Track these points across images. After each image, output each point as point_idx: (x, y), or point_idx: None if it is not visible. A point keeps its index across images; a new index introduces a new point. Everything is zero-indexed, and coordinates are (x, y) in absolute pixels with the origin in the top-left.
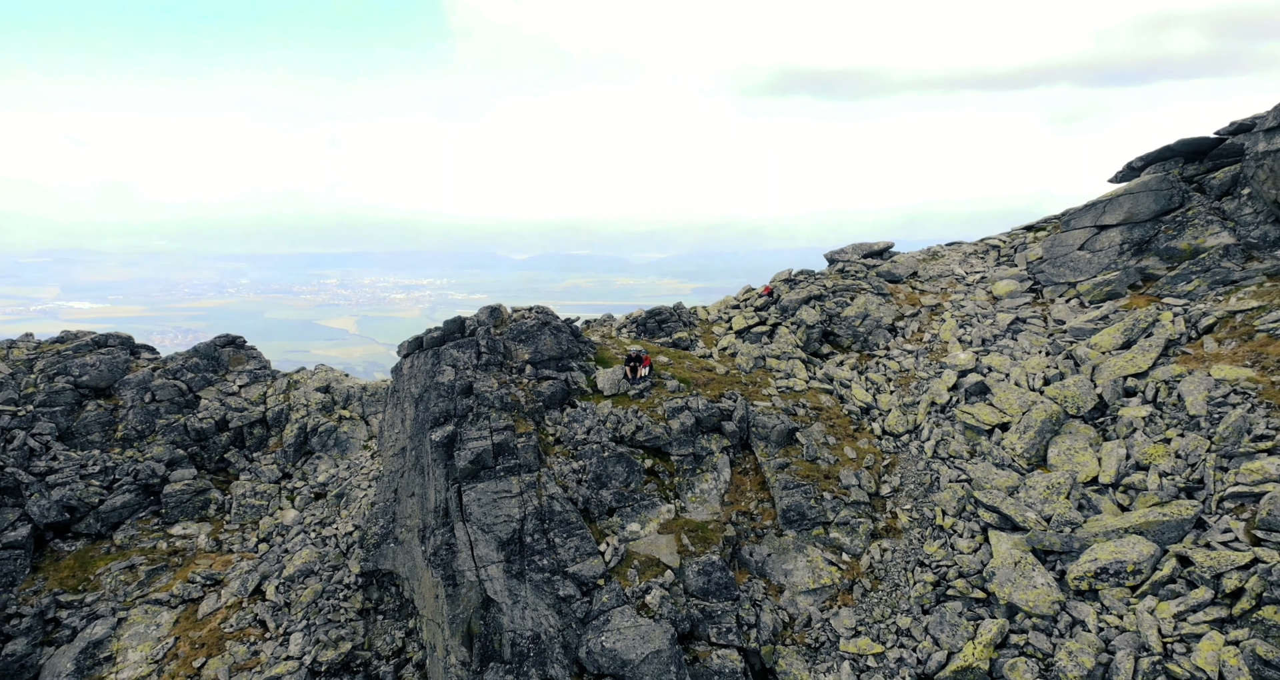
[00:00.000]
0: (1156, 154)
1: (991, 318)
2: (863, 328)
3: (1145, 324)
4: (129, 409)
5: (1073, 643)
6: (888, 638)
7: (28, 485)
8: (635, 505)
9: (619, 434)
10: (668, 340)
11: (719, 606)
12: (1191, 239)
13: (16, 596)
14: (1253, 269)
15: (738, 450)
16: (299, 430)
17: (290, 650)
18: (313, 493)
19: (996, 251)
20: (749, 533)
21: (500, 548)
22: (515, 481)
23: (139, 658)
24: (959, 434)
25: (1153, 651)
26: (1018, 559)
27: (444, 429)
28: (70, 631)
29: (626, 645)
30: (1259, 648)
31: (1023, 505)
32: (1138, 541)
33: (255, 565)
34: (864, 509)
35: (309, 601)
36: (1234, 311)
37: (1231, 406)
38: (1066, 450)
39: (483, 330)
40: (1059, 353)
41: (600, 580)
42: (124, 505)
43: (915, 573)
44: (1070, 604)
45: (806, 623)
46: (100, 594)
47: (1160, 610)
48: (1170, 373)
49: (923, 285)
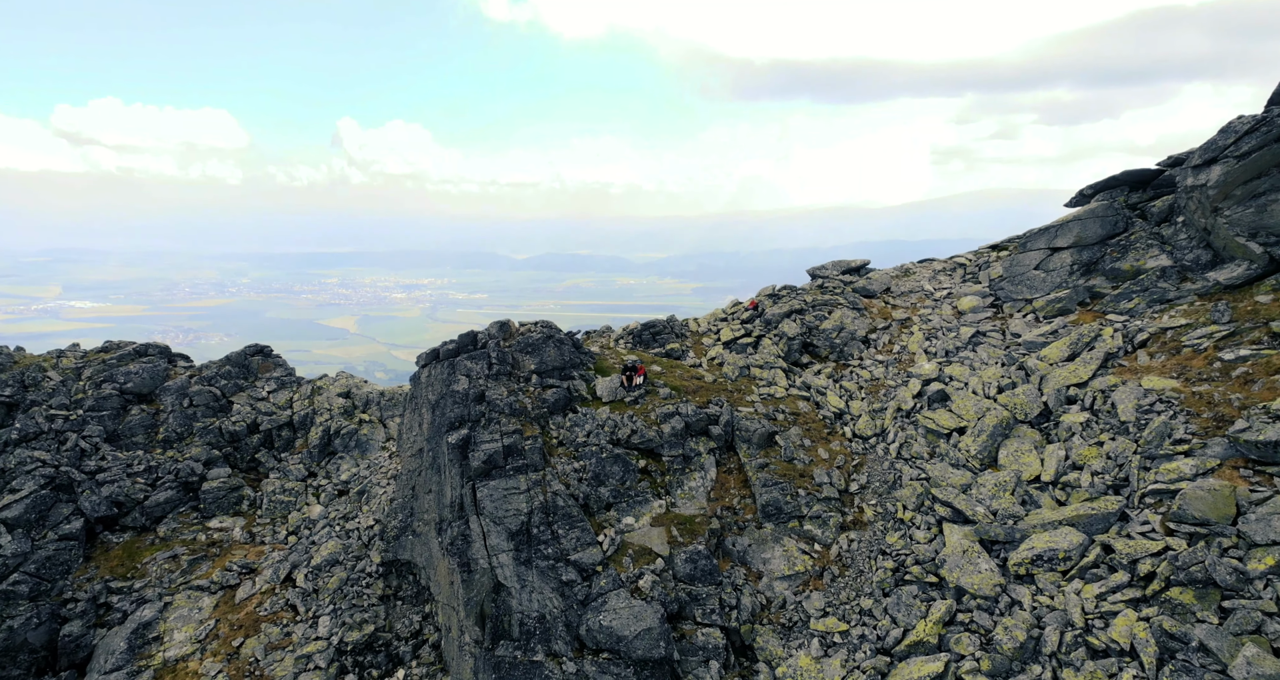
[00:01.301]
0: (1105, 183)
1: (955, 331)
2: (839, 339)
3: (1089, 338)
4: (169, 413)
5: (1009, 620)
6: (852, 617)
7: (80, 483)
8: (630, 501)
9: (616, 437)
10: (661, 351)
11: (704, 590)
12: (1134, 261)
13: (71, 583)
14: (1185, 289)
15: (723, 451)
16: (323, 433)
17: (319, 631)
18: (336, 490)
19: (963, 269)
20: (732, 525)
21: (510, 538)
22: (523, 479)
23: (184, 638)
24: (921, 437)
25: (1076, 627)
26: (966, 548)
27: (459, 432)
28: (121, 614)
29: (622, 623)
30: (1165, 623)
31: (973, 501)
32: (1069, 532)
33: (285, 555)
34: (834, 504)
35: (335, 588)
36: (1165, 328)
37: (1157, 414)
38: (1014, 452)
39: (493, 343)
40: (1012, 364)
41: (599, 567)
42: (166, 501)
43: (877, 561)
44: (1010, 587)
45: (781, 605)
46: (147, 581)
47: (1085, 591)
48: (1107, 383)
49: (895, 300)
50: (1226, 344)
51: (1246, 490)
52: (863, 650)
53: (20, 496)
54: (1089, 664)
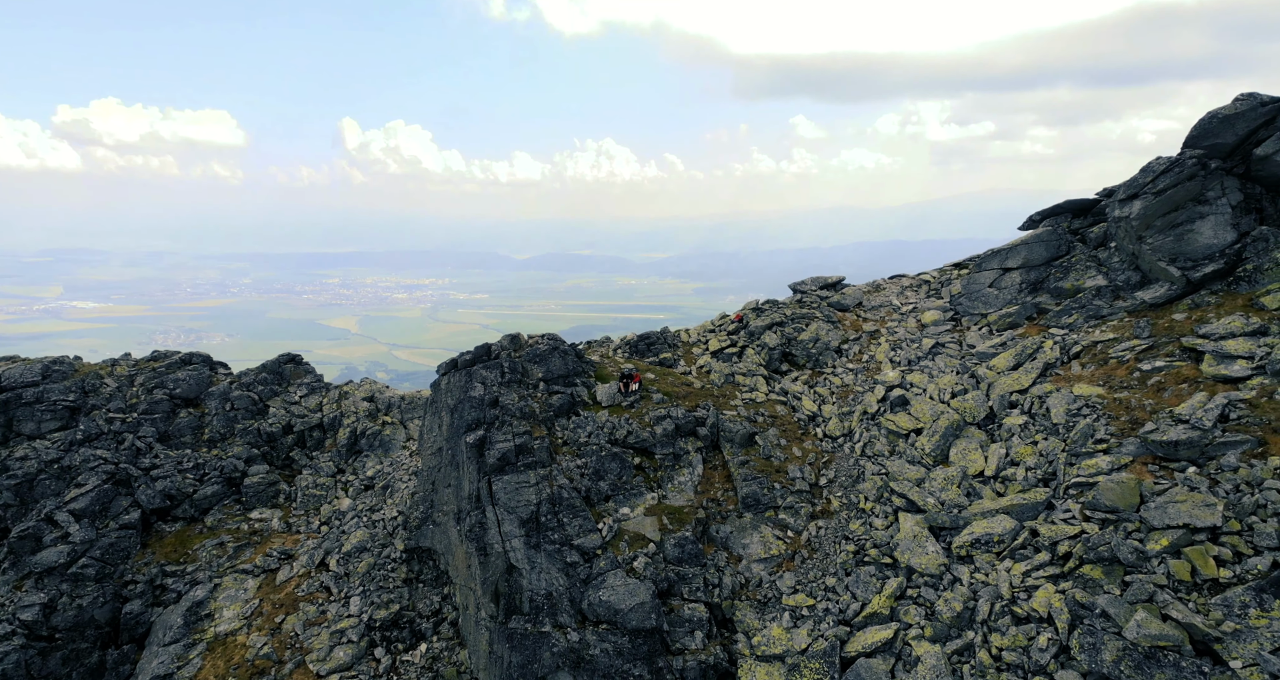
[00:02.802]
0: (1050, 210)
1: (918, 342)
2: (814, 349)
3: (1031, 350)
4: (213, 416)
5: (949, 594)
6: (818, 594)
7: (136, 478)
8: (626, 493)
9: (614, 437)
10: (655, 359)
11: (690, 571)
12: (1074, 280)
13: (131, 567)
14: (1117, 307)
15: (709, 450)
16: (350, 433)
17: (351, 610)
18: (363, 484)
19: (928, 286)
20: (716, 515)
21: (521, 525)
22: (532, 474)
23: (232, 615)
24: (882, 437)
25: (1004, 598)
26: (917, 533)
27: (476, 433)
28: (175, 595)
29: (618, 598)
30: (1077, 594)
31: (925, 493)
32: (1004, 519)
33: (319, 543)
34: (805, 496)
35: (364, 572)
36: (1096, 341)
37: (1083, 417)
38: (963, 450)
39: (505, 354)
40: (965, 372)
41: (598, 550)
42: (212, 494)
43: (841, 545)
44: (952, 566)
45: (758, 583)
46: (198, 565)
47: (1013, 569)
48: (1044, 390)
49: (866, 314)
50: (1145, 356)
51: (1151, 482)
52: (826, 621)
53: (86, 490)
54: (1013, 629)
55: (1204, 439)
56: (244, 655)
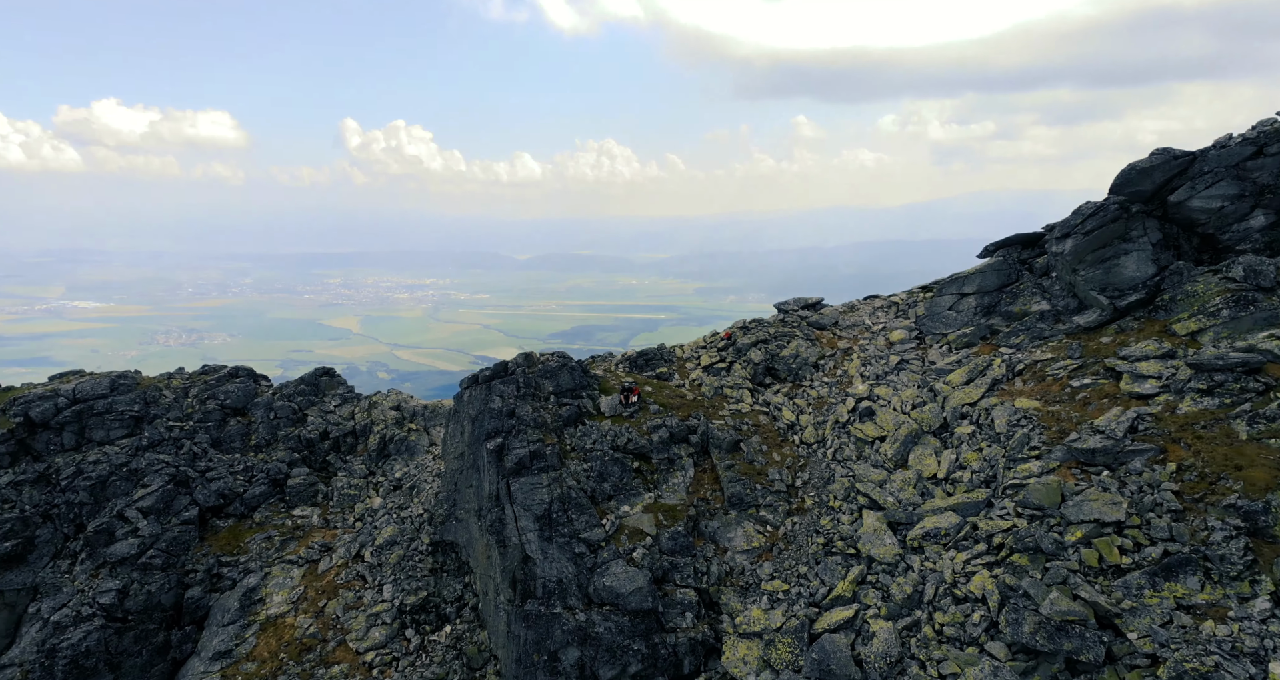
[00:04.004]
0: (1003, 241)
1: (886, 359)
2: (795, 364)
3: (982, 367)
4: (259, 424)
5: (902, 579)
6: (792, 580)
7: (194, 480)
8: (626, 493)
9: (615, 443)
10: (652, 374)
11: (682, 560)
12: (1022, 305)
13: (191, 558)
14: (1058, 329)
15: (699, 455)
16: (379, 439)
17: (384, 596)
18: (391, 485)
19: (896, 307)
20: (705, 512)
21: (535, 521)
22: (545, 477)
23: (281, 599)
24: (851, 444)
25: (947, 582)
26: (877, 528)
27: (495, 440)
28: (231, 582)
29: (620, 584)
30: (1006, 578)
31: (886, 493)
32: (951, 515)
33: (355, 537)
34: (783, 496)
35: (394, 562)
36: (1036, 360)
37: (1021, 427)
38: (920, 455)
39: (520, 370)
40: (925, 386)
41: (602, 543)
42: (260, 494)
43: (813, 538)
44: (906, 556)
45: (741, 572)
46: (249, 556)
47: (956, 558)
48: (990, 403)
49: (841, 332)
50: (1076, 374)
51: (1072, 484)
52: (798, 604)
53: (151, 490)
54: (953, 608)
55: (1116, 447)
56: (292, 634)
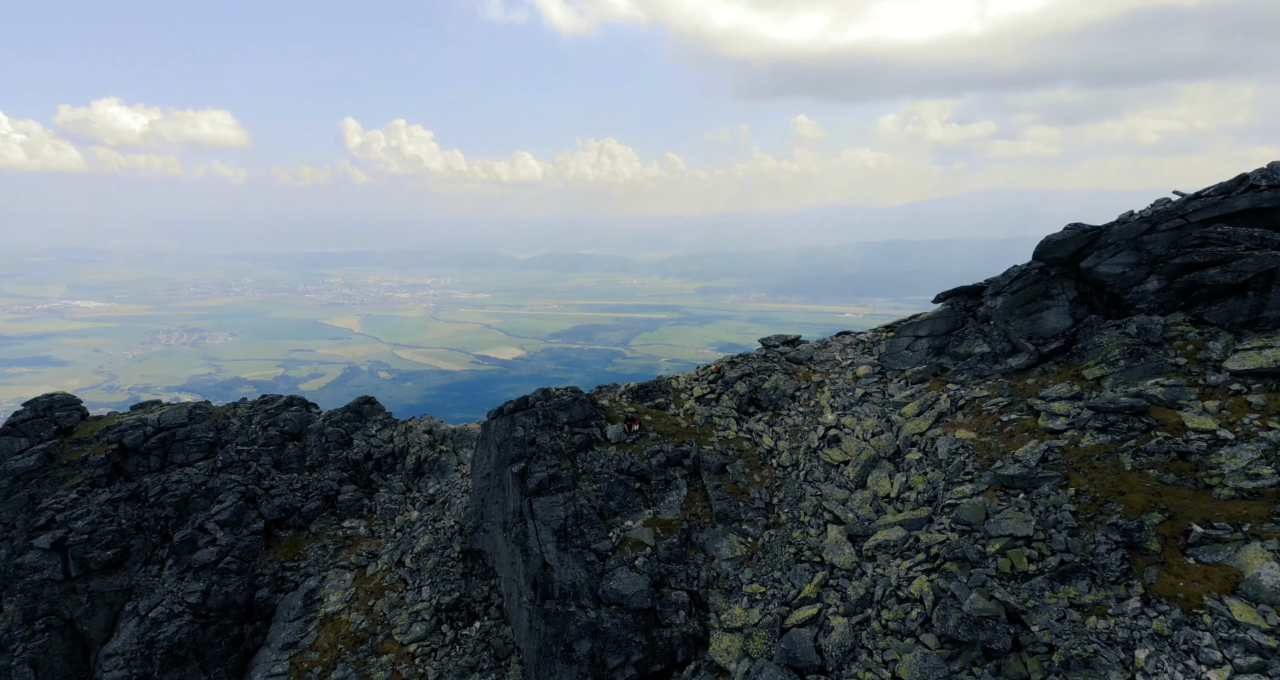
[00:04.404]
0: (951, 291)
1: (852, 391)
2: (774, 396)
3: (931, 401)
4: (312, 447)
5: (857, 582)
6: (768, 583)
7: (260, 496)
8: (629, 510)
9: (620, 467)
10: (651, 404)
11: (677, 567)
12: (966, 347)
13: (259, 564)
14: (995, 369)
15: (692, 476)
16: (415, 460)
17: (423, 596)
18: (426, 500)
19: (863, 345)
20: (696, 525)
21: (553, 534)
22: (561, 496)
23: (336, 599)
24: (820, 467)
25: (893, 585)
26: (839, 540)
27: (519, 465)
28: (294, 584)
29: (624, 587)
30: (940, 582)
31: (847, 510)
32: (899, 529)
33: (396, 545)
34: (761, 512)
35: (431, 567)
36: (975, 397)
37: (959, 455)
38: (876, 477)
39: (539, 404)
40: (884, 417)
41: (609, 552)
42: (315, 508)
43: (786, 548)
44: (861, 563)
45: (726, 576)
46: (308, 562)
47: (901, 565)
48: (935, 433)
49: (815, 367)
50: (1005, 411)
51: (995, 504)
52: (773, 603)
53: (226, 506)
54: (897, 606)
55: (1030, 474)
56: (348, 628)
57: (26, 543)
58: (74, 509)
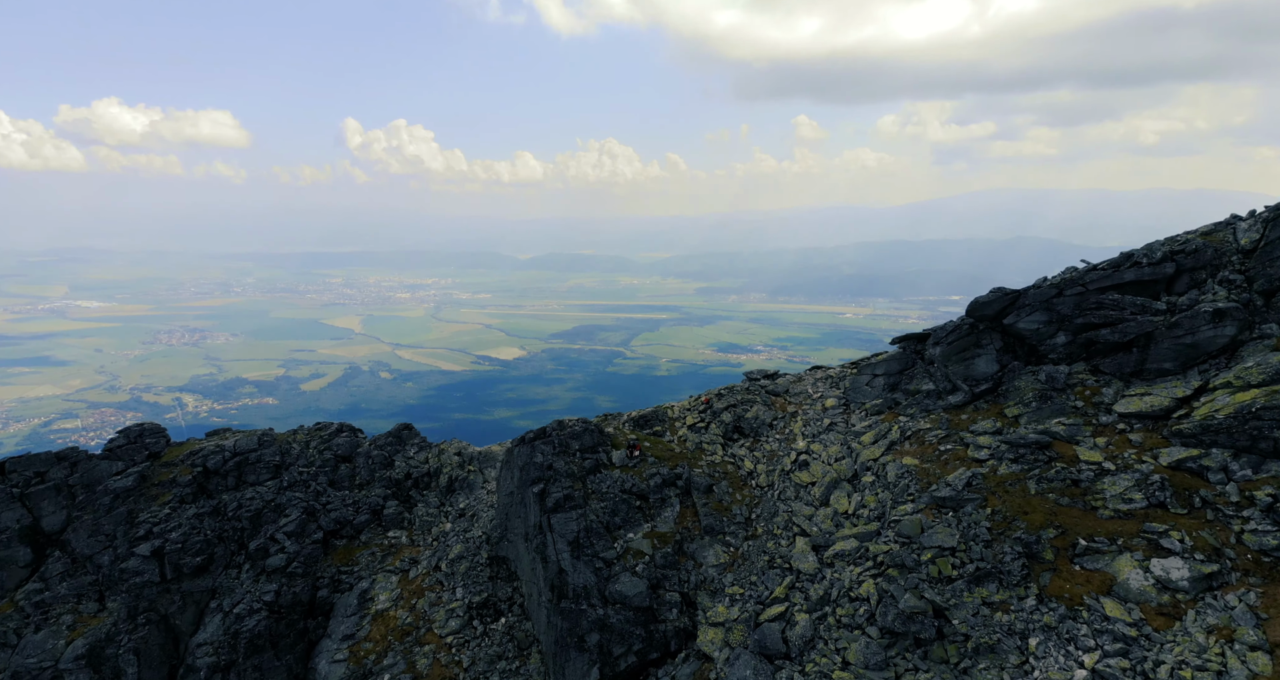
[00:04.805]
0: (903, 336)
1: (820, 421)
2: (755, 424)
3: (885, 431)
4: (360, 468)
5: (818, 585)
6: (746, 586)
7: (318, 511)
8: (631, 524)
9: (623, 487)
10: (650, 431)
11: (670, 573)
12: (916, 385)
13: (319, 568)
14: (938, 405)
15: (684, 495)
16: (447, 479)
17: (456, 596)
18: (458, 513)
19: (832, 380)
20: (687, 537)
21: (568, 544)
22: (575, 513)
23: (385, 598)
24: (791, 487)
25: (846, 587)
26: (805, 550)
27: (539, 486)
28: (349, 585)
29: (626, 589)
30: (883, 584)
31: (812, 524)
32: (853, 541)
33: (433, 553)
34: (742, 526)
35: (463, 572)
36: (920, 429)
37: (904, 479)
38: (837, 497)
39: (555, 433)
40: (845, 444)
41: (615, 560)
42: (364, 521)
43: (761, 557)
44: (822, 569)
45: (712, 580)
46: (360, 567)
47: (854, 571)
48: (887, 459)
49: (790, 399)
50: (943, 441)
51: (930, 520)
52: (749, 602)
53: (291, 519)
54: (848, 604)
55: (958, 496)
56: (395, 623)
57: (129, 551)
58: (168, 522)
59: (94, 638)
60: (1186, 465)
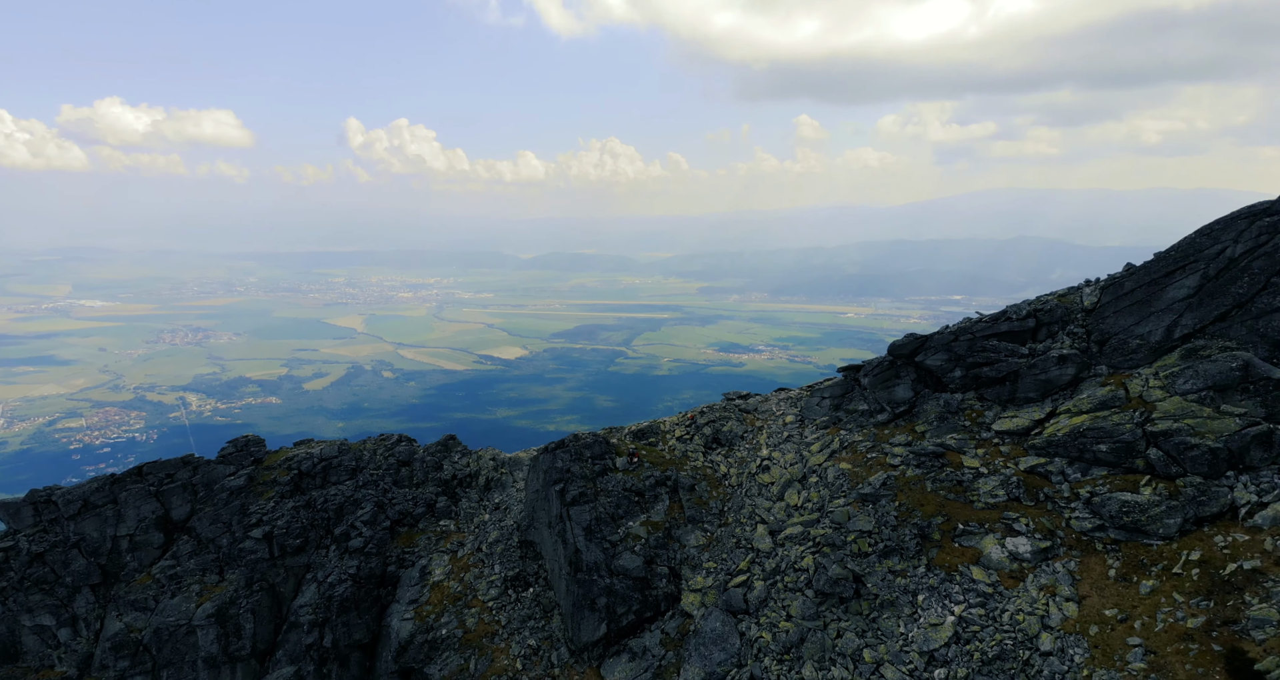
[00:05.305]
0: (848, 366)
1: (781, 434)
2: (730, 436)
3: (829, 442)
4: (417, 470)
5: (771, 561)
6: (719, 562)
7: (385, 505)
8: (631, 515)
9: (625, 486)
10: (646, 442)
11: (661, 552)
12: (853, 406)
13: (388, 549)
14: (870, 422)
15: (672, 492)
16: (485, 479)
17: (495, 571)
18: (494, 506)
19: (791, 400)
20: (675, 525)
21: (582, 530)
22: (588, 507)
23: (440, 572)
24: (756, 486)
25: (793, 561)
26: (763, 534)
27: (559, 485)
28: (411, 562)
29: (627, 563)
30: (818, 558)
31: (770, 514)
32: (800, 527)
33: (475, 538)
34: (717, 515)
35: (500, 552)
36: (855, 441)
37: (840, 480)
38: (790, 494)
39: (571, 444)
40: (798, 453)
41: (618, 542)
42: (421, 513)
43: (730, 539)
44: (776, 549)
45: (693, 557)
46: (419, 549)
47: (799, 549)
48: (828, 464)
49: (758, 416)
50: (869, 451)
51: (855, 510)
52: (720, 574)
53: (366, 511)
54: (794, 573)
55: (876, 493)
56: (448, 591)
57: (244, 534)
58: (273, 512)
59: (220, 601)
60: (1036, 470)
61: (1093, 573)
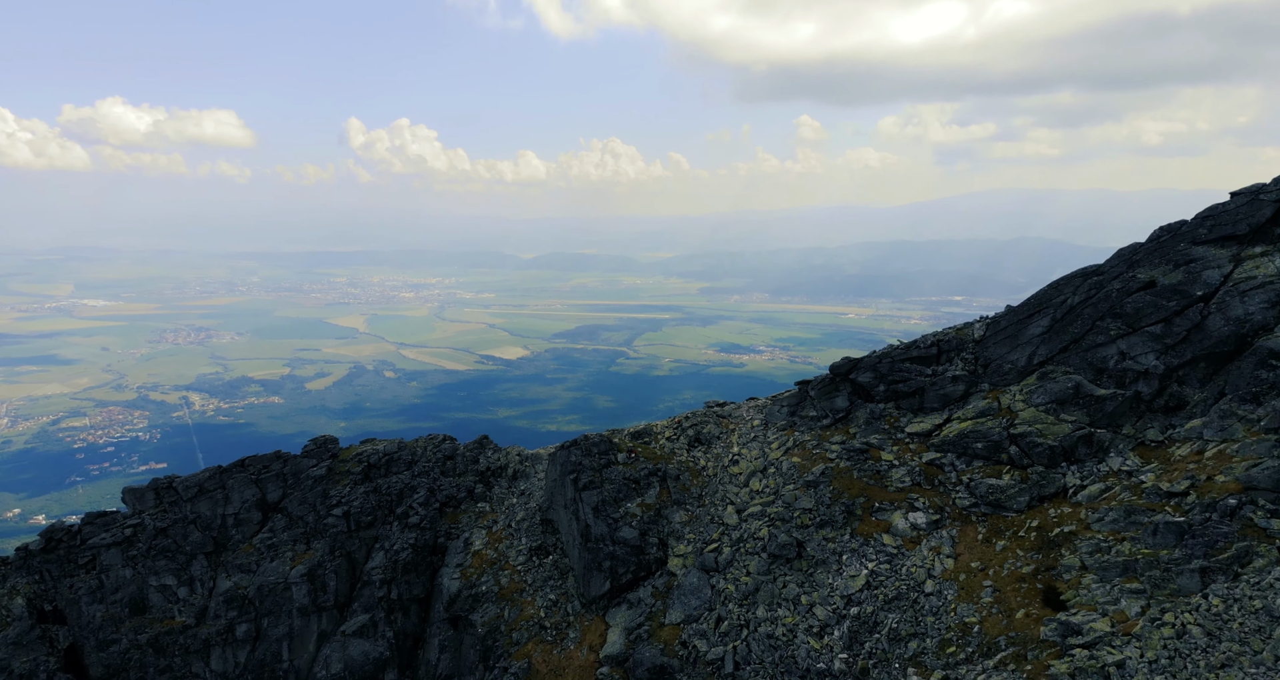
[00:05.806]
0: (801, 381)
1: (749, 435)
2: (708, 437)
3: (785, 442)
4: (458, 463)
5: (738, 532)
6: (698, 534)
7: (436, 491)
8: (629, 498)
9: (625, 476)
10: (642, 442)
11: (652, 526)
12: (806, 412)
13: (439, 526)
14: (818, 424)
15: (662, 481)
16: (513, 471)
17: (522, 543)
18: (520, 492)
19: (759, 407)
20: (664, 506)
21: (592, 510)
22: (596, 492)
23: (479, 543)
24: (728, 477)
25: (754, 532)
26: (732, 513)
27: (573, 475)
28: (457, 535)
29: (627, 535)
30: (771, 529)
31: (738, 497)
32: (759, 507)
33: (506, 517)
34: (696, 499)
35: (525, 528)
36: (805, 440)
37: (791, 470)
38: (753, 482)
39: (582, 443)
40: (762, 449)
41: (619, 519)
42: (463, 497)
43: (707, 517)
44: (741, 523)
45: (677, 531)
46: (462, 525)
47: (758, 523)
48: (784, 459)
49: (732, 420)
50: (814, 448)
51: (802, 494)
52: (698, 543)
53: (420, 495)
54: (753, 541)
55: (816, 480)
56: (486, 557)
57: (327, 513)
58: (349, 496)
59: (309, 565)
60: (934, 462)
61: (967, 537)
